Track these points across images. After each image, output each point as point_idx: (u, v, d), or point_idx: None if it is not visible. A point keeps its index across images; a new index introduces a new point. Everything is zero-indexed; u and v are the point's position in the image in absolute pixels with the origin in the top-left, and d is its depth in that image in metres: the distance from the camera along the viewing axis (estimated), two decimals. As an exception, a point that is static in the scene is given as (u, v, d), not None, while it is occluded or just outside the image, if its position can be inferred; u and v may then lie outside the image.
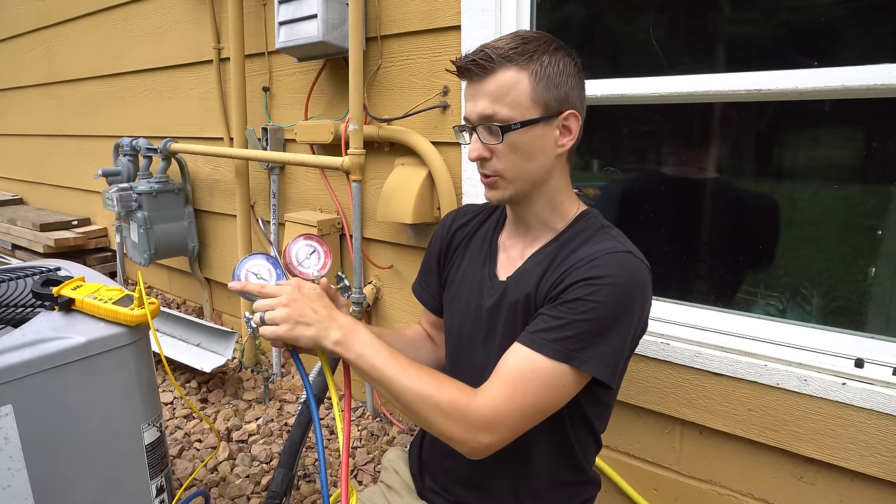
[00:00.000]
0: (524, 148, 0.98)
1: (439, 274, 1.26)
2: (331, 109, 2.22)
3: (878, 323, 1.34)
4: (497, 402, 0.91)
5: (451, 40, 1.80)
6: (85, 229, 3.75)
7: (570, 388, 0.94)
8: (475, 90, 0.98)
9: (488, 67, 0.95)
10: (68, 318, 1.23)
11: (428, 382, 0.92)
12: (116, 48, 3.26)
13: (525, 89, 0.95)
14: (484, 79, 0.96)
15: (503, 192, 1.02)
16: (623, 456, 1.66)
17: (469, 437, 0.91)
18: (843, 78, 1.22)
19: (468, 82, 0.99)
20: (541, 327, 0.94)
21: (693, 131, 1.55)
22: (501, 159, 0.99)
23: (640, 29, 1.56)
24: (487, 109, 0.96)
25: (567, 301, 0.93)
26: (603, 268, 0.93)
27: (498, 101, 0.95)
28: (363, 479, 1.96)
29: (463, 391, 0.93)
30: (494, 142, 0.97)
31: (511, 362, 0.94)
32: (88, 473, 1.22)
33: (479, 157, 1.00)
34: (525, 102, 0.96)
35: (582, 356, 0.91)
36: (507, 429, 0.92)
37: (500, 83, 0.95)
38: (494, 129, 0.96)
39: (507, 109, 0.95)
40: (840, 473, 1.33)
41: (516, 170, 1.00)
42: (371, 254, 2.20)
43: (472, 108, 0.98)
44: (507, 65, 0.95)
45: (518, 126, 0.96)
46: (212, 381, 2.55)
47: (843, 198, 1.36)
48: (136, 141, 2.93)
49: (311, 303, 0.96)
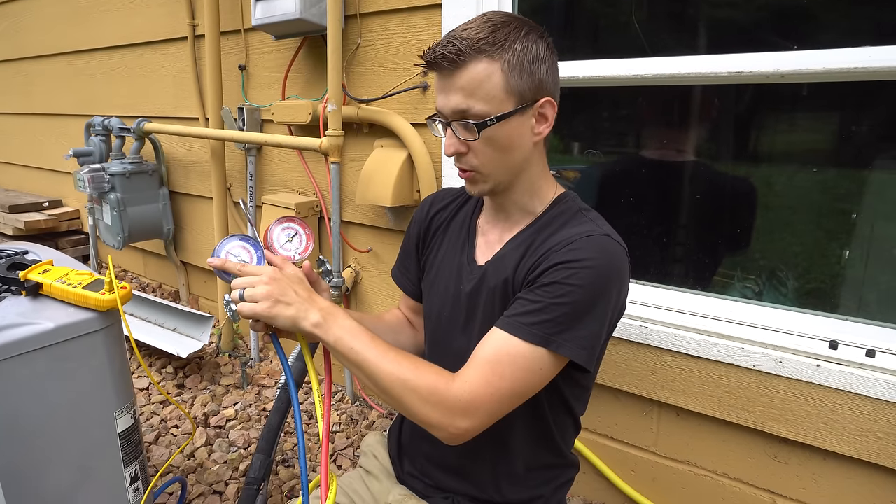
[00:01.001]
0: (501, 141, 0.96)
1: (418, 259, 1.24)
2: (309, 89, 2.18)
3: (852, 305, 1.36)
4: (475, 387, 0.90)
5: (432, 19, 1.77)
6: (56, 211, 3.65)
7: (547, 372, 0.93)
8: (446, 84, 0.94)
9: (458, 61, 0.91)
10: (36, 303, 1.19)
11: (406, 367, 0.91)
12: (87, 23, 3.15)
13: (498, 81, 0.92)
14: (454, 72, 0.92)
15: (482, 186, 1.01)
16: (601, 438, 1.68)
17: (447, 421, 0.90)
18: (824, 61, 1.22)
19: (438, 74, 0.95)
20: (518, 311, 0.93)
21: (673, 114, 1.55)
22: (478, 154, 0.97)
23: (622, 10, 1.54)
24: (461, 104, 0.93)
25: (544, 285, 0.93)
26: (580, 251, 0.93)
27: (471, 95, 0.92)
28: (342, 463, 1.96)
29: (441, 376, 0.92)
30: (471, 138, 0.95)
31: (489, 347, 0.93)
32: (59, 462, 1.19)
33: (456, 153, 0.98)
34: (499, 95, 0.92)
35: (559, 340, 0.91)
36: (485, 413, 0.91)
37: (471, 77, 0.91)
38: (470, 125, 0.94)
39: (481, 104, 0.92)
40: (813, 453, 1.35)
41: (494, 164, 0.98)
42: (350, 237, 2.17)
43: (445, 103, 0.95)
44: (477, 57, 0.91)
45: (493, 121, 0.93)
46: (188, 367, 2.52)
47: (818, 181, 1.37)
48: (109, 120, 2.85)
49: (292, 284, 0.94)
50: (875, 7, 1.25)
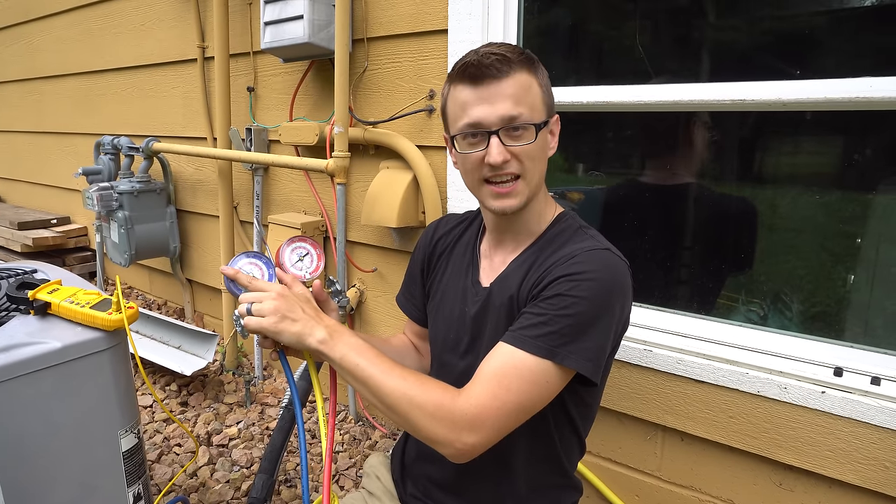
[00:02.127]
0: (540, 149, 1.00)
1: (423, 284, 1.25)
2: (316, 111, 2.21)
3: (857, 331, 1.35)
4: (481, 400, 0.90)
5: (438, 44, 1.79)
6: (64, 228, 3.68)
7: (553, 385, 0.93)
8: (493, 91, 0.95)
9: (506, 68, 0.95)
10: (44, 322, 1.20)
11: (412, 383, 0.91)
12: (98, 45, 3.21)
13: (537, 92, 0.99)
14: (503, 79, 0.95)
15: (521, 198, 1.01)
16: (605, 462, 1.66)
17: (453, 437, 0.89)
18: (826, 90, 1.24)
19: (480, 84, 0.96)
20: (523, 325, 0.94)
21: (676, 138, 1.56)
22: (524, 161, 0.98)
23: (626, 36, 1.56)
24: (511, 111, 0.95)
25: (548, 297, 0.94)
26: (582, 264, 0.94)
27: (520, 102, 0.96)
28: (345, 483, 1.95)
29: (447, 391, 0.92)
30: (523, 142, 0.96)
31: (495, 360, 0.94)
32: (63, 481, 1.19)
33: (505, 161, 0.97)
34: (539, 105, 0.99)
35: (564, 351, 0.91)
36: (492, 428, 0.91)
37: (519, 84, 0.96)
38: (525, 129, 0.96)
39: (528, 111, 0.96)
40: (818, 481, 1.34)
41: (534, 171, 1.00)
42: (355, 257, 2.18)
43: (490, 111, 0.95)
44: (521, 68, 0.96)
45: (543, 126, 0.98)
46: (192, 384, 2.52)
47: (823, 205, 1.38)
48: (118, 139, 2.89)
49: (299, 302, 0.96)
50: (876, 35, 1.26)
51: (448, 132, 1.05)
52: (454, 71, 1.00)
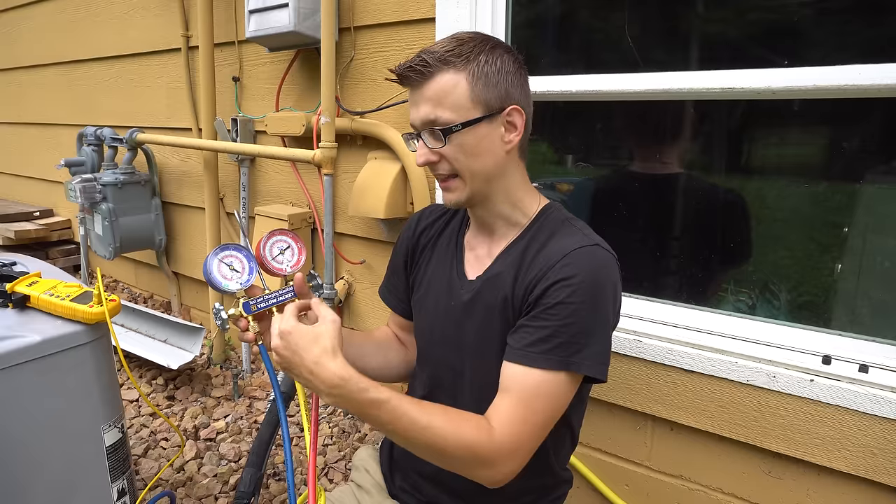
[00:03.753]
0: (471, 148, 0.98)
1: (407, 276, 1.24)
2: (303, 101, 2.18)
3: (845, 319, 1.36)
4: (515, 429, 0.91)
5: (426, 32, 1.77)
6: (47, 221, 3.63)
7: (570, 394, 0.96)
8: (416, 96, 0.98)
9: (426, 72, 0.95)
10: (23, 315, 1.18)
11: (441, 428, 0.89)
12: (80, 34, 3.15)
13: (464, 90, 0.95)
14: (423, 84, 0.96)
15: (460, 194, 1.02)
16: (595, 452, 1.66)
17: (494, 473, 0.92)
18: (815, 78, 1.23)
19: (410, 89, 0.99)
20: (529, 341, 0.94)
21: (665, 128, 1.55)
22: (451, 161, 0.99)
23: (616, 25, 1.55)
24: (430, 114, 0.96)
25: (548, 307, 0.93)
26: (574, 266, 0.94)
27: (439, 105, 0.95)
28: (334, 477, 1.94)
29: (480, 429, 0.90)
30: (438, 145, 0.98)
31: (513, 385, 0.94)
32: (44, 478, 1.17)
33: (427, 162, 1.00)
34: (465, 104, 0.96)
35: (577, 360, 0.92)
36: (527, 451, 0.94)
37: (438, 87, 0.95)
38: (437, 133, 0.97)
39: (448, 112, 0.95)
40: (807, 468, 1.35)
41: (466, 170, 1.00)
42: (343, 249, 2.16)
43: (416, 115, 0.98)
44: (444, 68, 0.95)
45: (459, 128, 0.96)
46: (179, 378, 2.49)
47: (810, 195, 1.38)
48: (101, 130, 2.84)
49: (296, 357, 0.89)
50: (865, 25, 1.26)
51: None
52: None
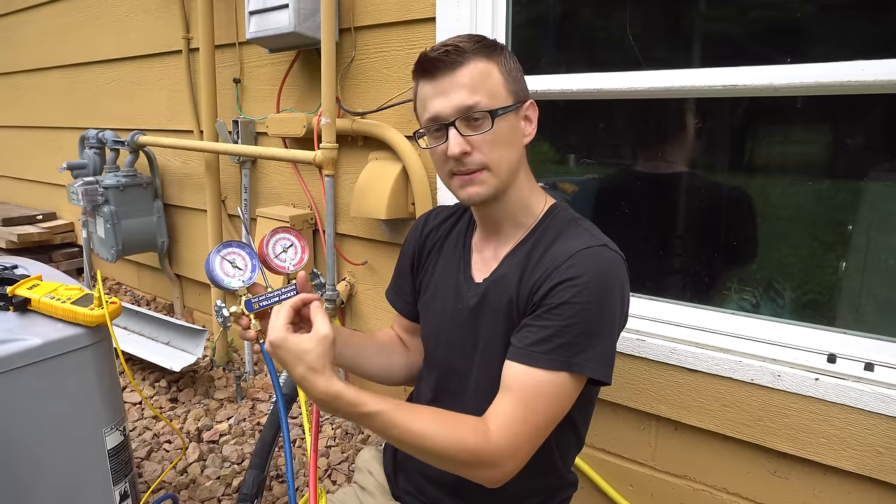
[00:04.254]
0: (505, 137, 0.97)
1: (413, 279, 1.23)
2: (303, 102, 2.17)
3: (850, 318, 1.35)
4: (514, 430, 0.90)
5: (426, 32, 1.77)
6: (50, 224, 3.63)
7: (573, 395, 0.94)
8: (446, 84, 0.95)
9: (459, 59, 0.94)
10: (24, 318, 1.18)
11: (437, 431, 0.88)
12: (82, 37, 3.16)
13: (498, 78, 0.96)
14: (456, 70, 0.94)
15: (488, 187, 0.98)
16: (599, 452, 1.65)
17: (493, 472, 0.91)
18: (817, 74, 1.22)
19: (435, 77, 0.96)
20: (531, 340, 0.93)
21: (668, 127, 1.55)
22: (485, 150, 0.96)
23: (617, 23, 1.54)
24: (467, 100, 0.93)
25: (552, 307, 0.92)
26: (581, 266, 0.92)
27: (476, 90, 0.94)
28: (337, 478, 1.93)
29: (477, 431, 0.89)
30: (480, 131, 0.94)
31: (514, 384, 0.93)
32: (46, 481, 1.17)
33: (463, 152, 0.95)
34: (500, 91, 0.96)
35: (580, 361, 0.91)
36: (527, 451, 0.92)
37: (475, 73, 0.94)
38: (482, 117, 0.94)
39: (486, 98, 0.94)
40: (813, 468, 1.34)
41: (501, 160, 0.97)
42: (344, 250, 2.16)
43: (446, 103, 0.95)
44: (477, 56, 0.95)
45: (502, 112, 0.95)
46: (182, 380, 2.49)
47: (814, 192, 1.37)
48: (103, 133, 2.84)
49: (287, 367, 0.88)
50: (867, 21, 1.25)
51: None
52: (414, 68, 0.99)
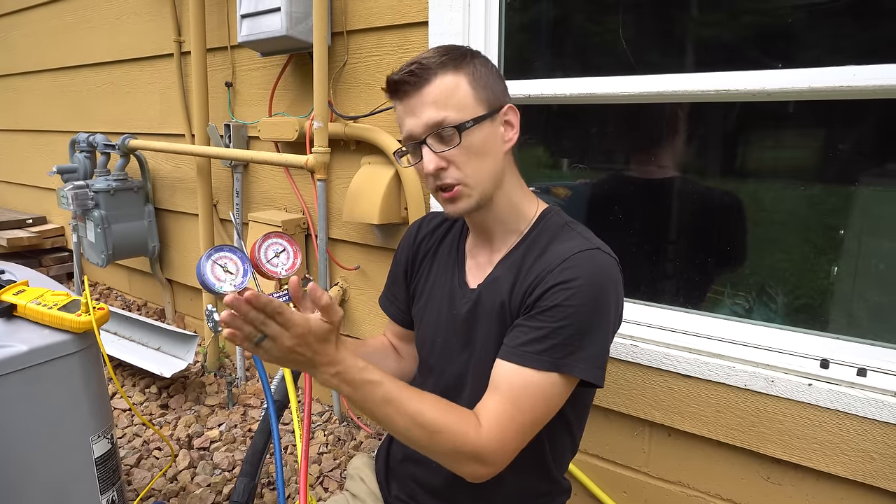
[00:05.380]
0: (479, 147, 0.96)
1: (407, 286, 1.22)
2: (295, 106, 2.16)
3: (842, 323, 1.34)
4: (502, 427, 0.90)
5: (419, 36, 1.76)
6: (40, 228, 3.60)
7: (562, 396, 0.94)
8: (415, 103, 0.95)
9: (425, 76, 0.94)
10: (9, 324, 1.16)
11: (428, 416, 0.88)
12: (73, 40, 3.14)
13: (466, 89, 0.95)
14: (422, 88, 0.94)
15: (468, 201, 0.98)
16: (592, 458, 1.65)
17: (477, 467, 0.90)
18: (809, 79, 1.22)
19: (404, 98, 0.96)
20: (523, 340, 0.92)
21: (661, 131, 1.55)
22: (460, 165, 0.96)
23: (609, 28, 1.54)
24: (435, 117, 0.93)
25: (545, 309, 0.92)
26: (575, 269, 0.92)
27: (444, 106, 0.94)
28: (329, 485, 1.92)
29: (468, 423, 0.89)
30: (450, 146, 0.94)
31: (502, 382, 0.92)
32: (31, 490, 1.15)
33: (437, 168, 0.95)
34: (469, 102, 0.95)
35: (570, 362, 0.90)
36: (514, 450, 0.92)
37: (441, 88, 0.94)
38: (449, 132, 0.94)
39: (454, 112, 0.94)
40: (806, 474, 1.33)
41: (477, 173, 0.97)
42: (337, 255, 2.15)
43: (416, 122, 0.95)
44: (442, 71, 0.94)
45: (471, 124, 0.94)
46: (173, 387, 2.47)
47: (806, 197, 1.37)
48: (94, 137, 2.82)
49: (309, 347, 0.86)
50: (859, 27, 1.25)
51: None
52: (385, 89, 0.99)
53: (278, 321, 0.81)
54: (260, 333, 0.81)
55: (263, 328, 0.81)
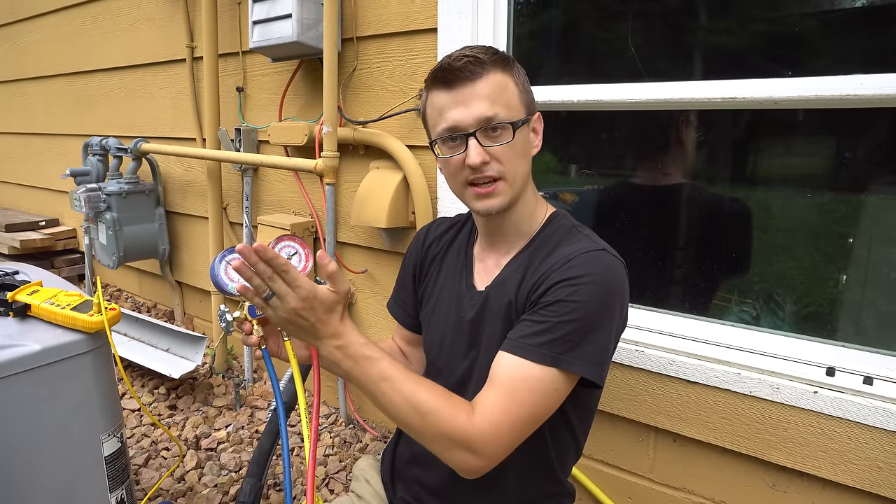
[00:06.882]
0: (521, 148, 0.99)
1: (415, 290, 1.24)
2: (305, 111, 2.19)
3: (849, 331, 1.34)
4: (496, 418, 0.89)
5: (428, 43, 1.78)
6: (52, 230, 3.64)
7: (561, 392, 0.93)
8: (467, 93, 0.95)
9: (479, 70, 0.94)
10: (23, 324, 1.18)
11: (423, 399, 0.88)
12: (87, 45, 3.18)
13: (514, 91, 0.98)
14: (476, 81, 0.94)
15: (504, 198, 0.99)
16: (597, 464, 1.65)
17: (469, 457, 0.89)
18: (816, 88, 1.23)
19: (456, 86, 0.95)
20: (524, 333, 0.93)
21: (668, 139, 1.55)
22: (503, 161, 0.97)
23: (617, 36, 1.55)
24: (487, 111, 0.94)
25: (548, 304, 0.92)
26: (580, 267, 0.93)
27: (495, 102, 0.95)
28: (335, 487, 1.92)
29: (462, 410, 0.89)
30: (500, 142, 0.95)
31: (501, 373, 0.92)
32: (42, 487, 1.17)
33: (483, 162, 0.95)
34: (516, 103, 0.98)
35: (569, 358, 0.90)
36: (509, 444, 0.91)
37: (494, 85, 0.95)
38: (503, 128, 0.95)
39: (504, 110, 0.95)
40: (812, 482, 1.33)
41: (517, 171, 0.99)
42: (345, 258, 2.16)
43: (466, 113, 0.95)
44: (495, 68, 0.96)
45: (520, 124, 0.97)
46: (181, 388, 2.49)
47: (815, 205, 1.37)
48: (106, 140, 2.85)
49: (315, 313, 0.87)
50: (867, 35, 1.26)
51: (429, 137, 1.04)
52: (430, 76, 0.99)
53: (285, 279, 0.84)
54: (268, 290, 0.84)
55: (271, 284, 0.84)
